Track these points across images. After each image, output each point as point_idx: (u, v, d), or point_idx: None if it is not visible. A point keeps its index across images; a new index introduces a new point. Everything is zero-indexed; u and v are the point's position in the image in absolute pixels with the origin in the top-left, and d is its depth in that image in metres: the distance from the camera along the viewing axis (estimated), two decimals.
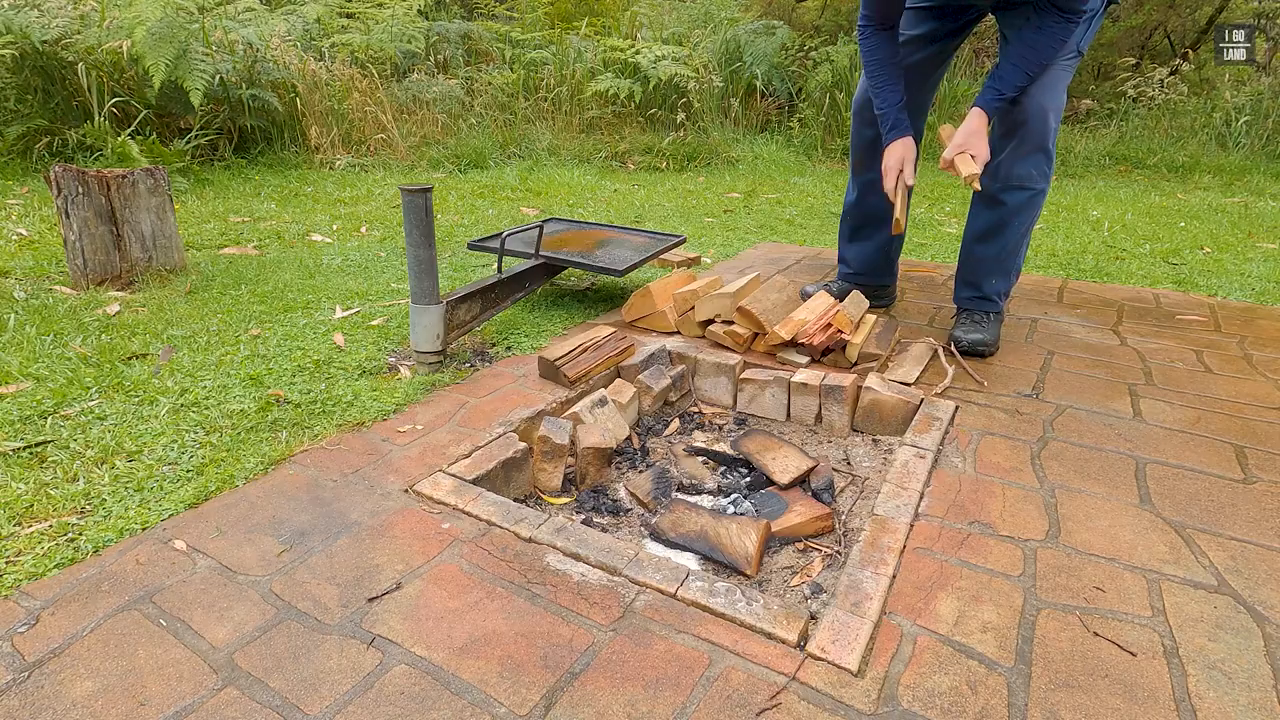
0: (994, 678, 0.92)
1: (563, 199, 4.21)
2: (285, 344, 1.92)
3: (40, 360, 1.77)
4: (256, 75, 4.73)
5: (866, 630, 0.98)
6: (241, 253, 2.88)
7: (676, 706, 0.87)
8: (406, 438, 1.48)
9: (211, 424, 1.51)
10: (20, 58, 4.13)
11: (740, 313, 1.89)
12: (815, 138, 5.87)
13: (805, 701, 0.88)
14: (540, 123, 5.80)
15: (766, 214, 4.02)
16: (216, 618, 1.00)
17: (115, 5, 4.40)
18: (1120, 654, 0.96)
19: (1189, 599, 1.07)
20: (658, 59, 5.69)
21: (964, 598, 1.06)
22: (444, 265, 2.74)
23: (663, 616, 1.01)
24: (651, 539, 1.31)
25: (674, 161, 5.44)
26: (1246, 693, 0.91)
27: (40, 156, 4.12)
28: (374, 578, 1.08)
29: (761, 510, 1.39)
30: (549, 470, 1.46)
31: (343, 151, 4.89)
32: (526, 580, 1.08)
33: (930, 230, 3.71)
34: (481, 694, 0.88)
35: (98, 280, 2.35)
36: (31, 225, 3.10)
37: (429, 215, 1.68)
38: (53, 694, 0.88)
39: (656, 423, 1.78)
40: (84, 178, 2.26)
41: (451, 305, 1.82)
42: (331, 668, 0.92)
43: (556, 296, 2.44)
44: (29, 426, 1.48)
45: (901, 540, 1.18)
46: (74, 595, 1.03)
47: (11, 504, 1.23)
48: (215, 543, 1.16)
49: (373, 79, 5.26)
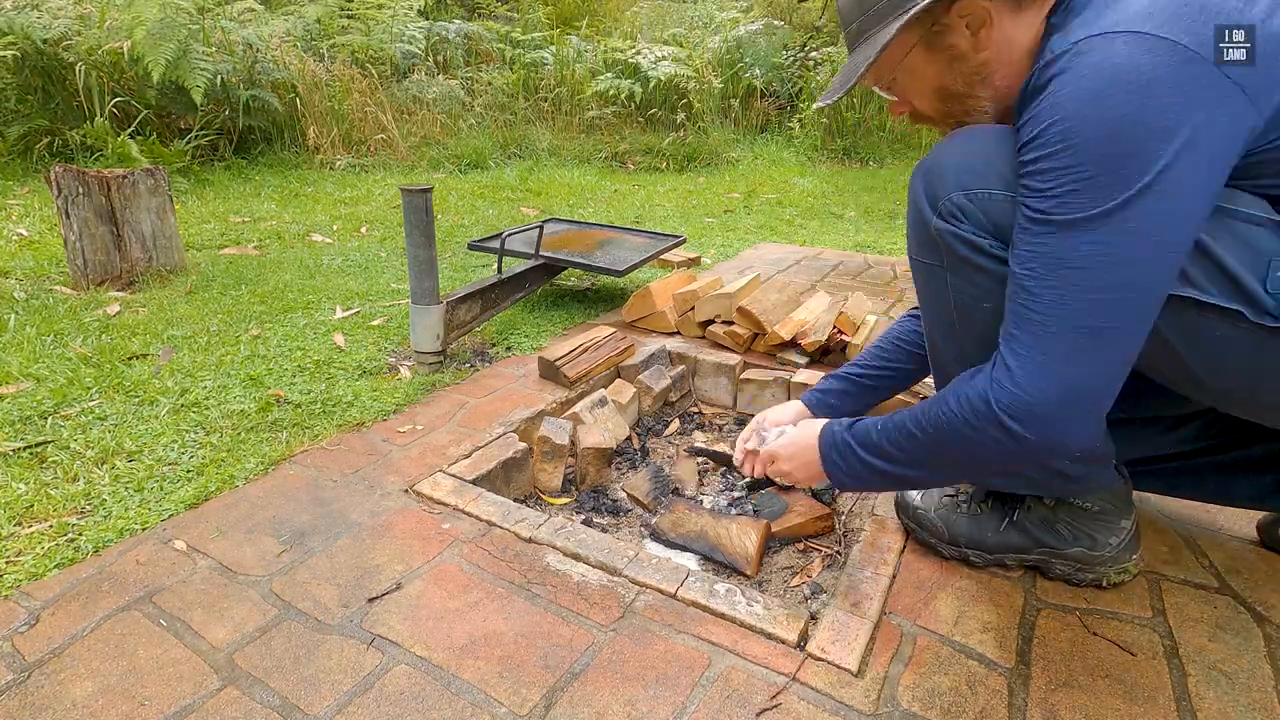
0: (994, 678, 0.92)
1: (563, 199, 4.21)
2: (285, 344, 1.92)
3: (40, 360, 1.77)
4: (256, 76, 4.73)
5: (866, 630, 0.98)
6: (242, 253, 2.88)
7: (676, 706, 0.87)
8: (407, 438, 1.48)
9: (212, 424, 1.51)
10: (21, 58, 4.13)
11: (740, 313, 1.90)
12: (815, 138, 5.87)
13: (805, 701, 0.88)
14: (540, 123, 5.80)
15: (766, 214, 4.02)
16: (216, 618, 1.00)
17: (115, 6, 4.40)
18: (1120, 654, 0.96)
19: (1189, 599, 1.07)
20: (658, 59, 5.70)
21: (964, 598, 1.06)
22: (444, 265, 2.74)
23: (663, 616, 1.01)
24: (651, 539, 1.31)
25: (674, 162, 5.44)
26: (1246, 693, 0.91)
27: (40, 157, 4.12)
28: (374, 578, 1.08)
29: (761, 510, 1.39)
30: (549, 470, 1.46)
31: (343, 152, 4.89)
32: (526, 580, 1.08)
33: None
34: (481, 694, 0.88)
35: (98, 280, 2.35)
36: (32, 225, 3.10)
37: (429, 215, 1.68)
38: (53, 694, 0.88)
39: (656, 423, 1.78)
40: (84, 178, 2.26)
41: (452, 305, 1.82)
42: (332, 668, 0.92)
43: (556, 297, 2.44)
44: (29, 426, 1.48)
45: (901, 540, 1.18)
46: (74, 595, 1.03)
47: (12, 504, 1.23)
48: (215, 543, 1.15)
49: (373, 79, 5.26)
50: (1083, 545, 1.06)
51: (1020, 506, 1.11)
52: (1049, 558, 1.09)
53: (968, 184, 0.90)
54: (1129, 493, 1.07)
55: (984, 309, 0.94)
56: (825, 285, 2.60)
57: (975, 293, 0.93)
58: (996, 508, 1.13)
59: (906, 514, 1.19)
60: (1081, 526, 1.06)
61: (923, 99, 0.99)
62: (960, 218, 0.91)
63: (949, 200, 0.91)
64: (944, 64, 0.93)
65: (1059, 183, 0.78)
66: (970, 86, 0.94)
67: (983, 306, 0.94)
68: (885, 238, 3.52)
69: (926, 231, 0.95)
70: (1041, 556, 1.09)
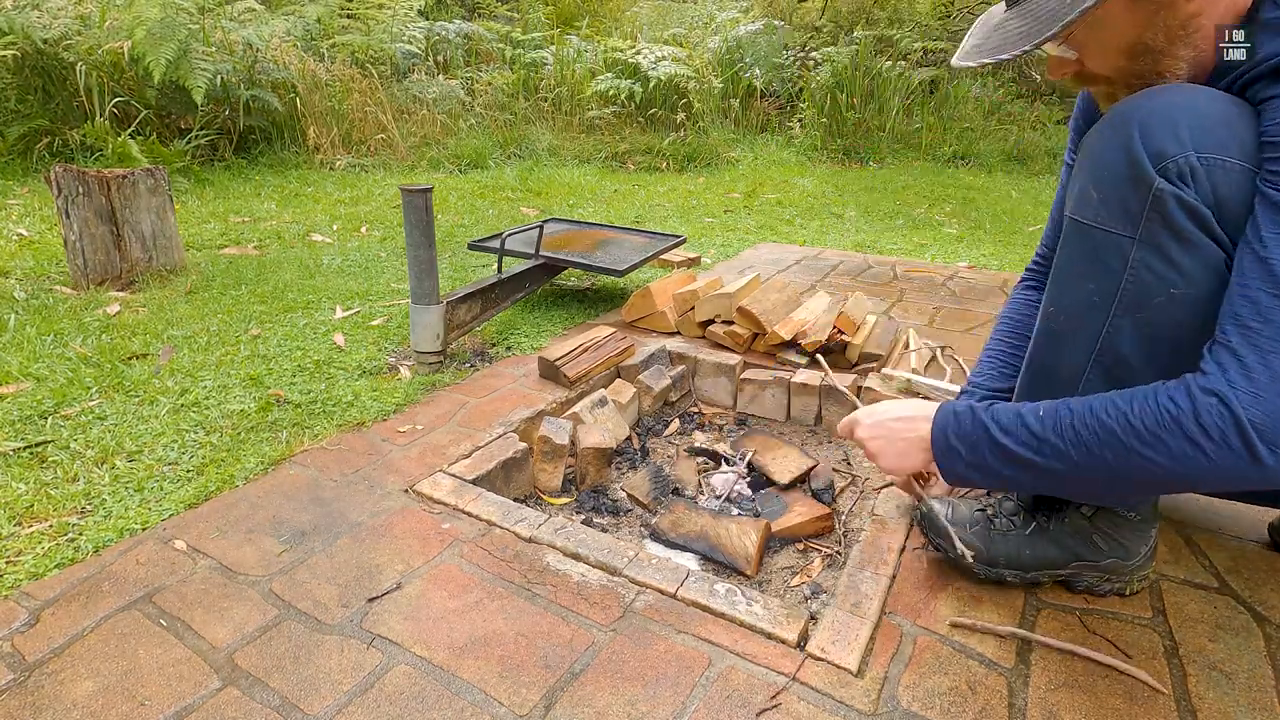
0: (994, 678, 0.92)
1: (563, 199, 4.21)
2: (285, 344, 1.92)
3: (40, 360, 1.77)
4: (256, 76, 4.73)
5: (866, 630, 0.98)
6: (242, 253, 2.88)
7: (676, 706, 0.87)
8: (406, 438, 1.48)
9: (212, 424, 1.51)
10: (21, 58, 4.12)
11: (740, 313, 1.90)
12: (815, 138, 5.87)
13: (805, 702, 0.88)
14: (540, 123, 5.80)
15: (766, 214, 4.02)
16: (217, 618, 1.00)
17: (115, 6, 4.40)
18: (1120, 654, 0.96)
19: (1189, 599, 1.07)
20: (658, 59, 5.69)
21: (964, 598, 1.06)
22: (444, 265, 2.74)
23: (663, 616, 1.01)
24: (651, 539, 1.31)
25: (674, 162, 5.44)
26: (1246, 693, 0.91)
27: (41, 157, 4.12)
28: (374, 578, 1.08)
29: (761, 510, 1.39)
30: (549, 470, 1.46)
31: (343, 152, 4.89)
32: (526, 580, 1.08)
33: (930, 230, 3.71)
34: (481, 694, 0.88)
35: (98, 280, 2.35)
36: (32, 225, 3.10)
37: (429, 215, 1.68)
38: (53, 694, 0.88)
39: (656, 423, 1.78)
40: (84, 178, 2.26)
41: (452, 305, 1.82)
42: (332, 668, 0.92)
43: (556, 296, 2.44)
44: (29, 426, 1.48)
45: (901, 540, 1.18)
46: (74, 595, 1.03)
47: (12, 504, 1.23)
48: (215, 543, 1.15)
49: (373, 79, 5.26)
50: (1117, 556, 1.01)
51: (1055, 516, 1.04)
52: (1081, 570, 1.03)
53: (1204, 145, 0.76)
54: (1157, 498, 1.04)
55: (1169, 297, 0.80)
56: (825, 285, 2.60)
57: (1168, 277, 0.79)
58: (1027, 520, 1.05)
59: (938, 534, 1.09)
60: (1117, 536, 1.00)
61: (1108, 56, 0.85)
62: (1189, 182, 0.76)
63: (1183, 158, 0.76)
64: (1149, 14, 0.81)
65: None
66: (1171, 43, 0.82)
67: (1169, 294, 0.80)
68: (885, 238, 3.52)
69: (1129, 191, 0.80)
70: (1074, 570, 1.04)
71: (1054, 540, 1.04)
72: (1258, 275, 0.72)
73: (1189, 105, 0.78)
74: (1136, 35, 0.83)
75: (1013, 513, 1.08)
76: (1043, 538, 1.04)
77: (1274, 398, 0.70)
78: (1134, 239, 0.81)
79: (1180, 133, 0.77)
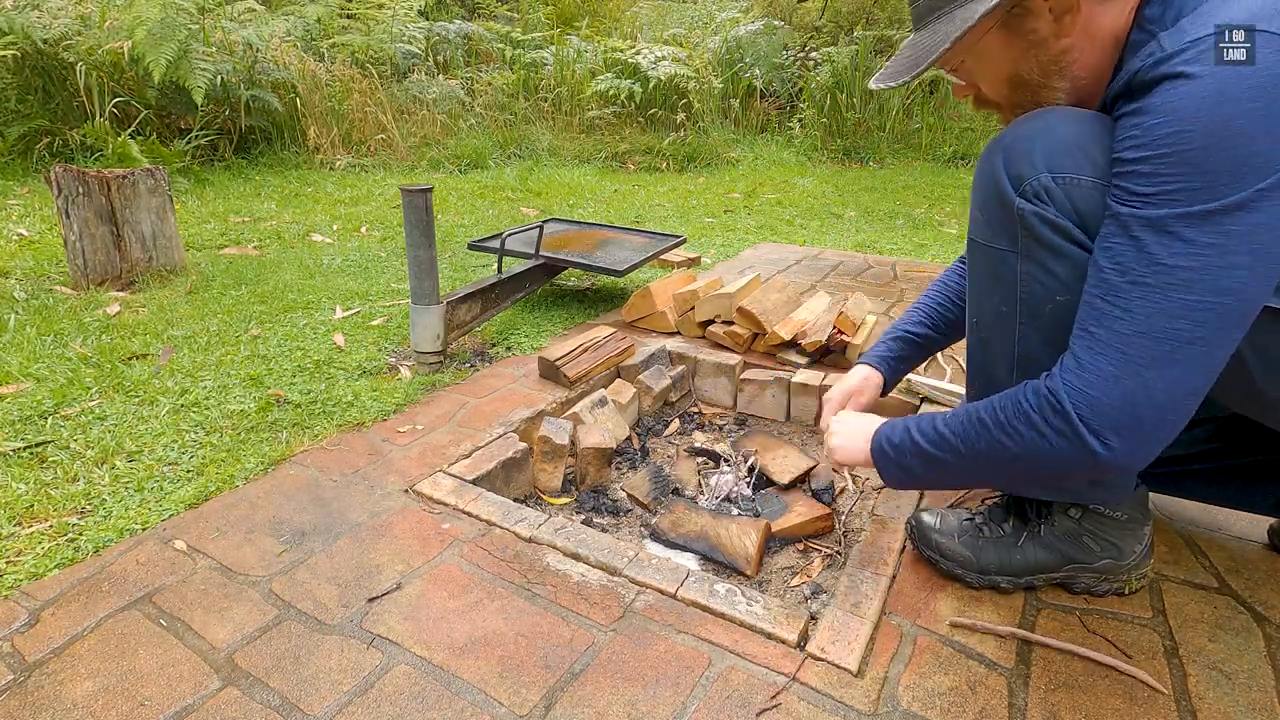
0: (994, 678, 0.92)
1: (563, 199, 4.21)
2: (285, 344, 1.92)
3: (40, 360, 1.77)
4: (256, 76, 4.73)
5: (866, 630, 0.98)
6: (242, 253, 2.88)
7: (676, 706, 0.87)
8: (407, 438, 1.48)
9: (212, 424, 1.51)
10: (21, 58, 4.13)
11: (740, 313, 1.90)
12: (815, 138, 5.87)
13: (805, 702, 0.88)
14: (540, 123, 5.80)
15: (766, 214, 4.02)
16: (217, 618, 1.00)
17: (115, 6, 4.40)
18: (1120, 655, 0.96)
19: (1189, 599, 1.07)
20: (658, 59, 5.69)
21: (964, 598, 1.06)
22: (444, 265, 2.74)
23: (663, 616, 1.01)
24: (651, 539, 1.31)
25: (674, 162, 5.44)
26: (1246, 693, 0.91)
27: (41, 157, 4.12)
28: (374, 578, 1.08)
29: (761, 510, 1.39)
30: (549, 470, 1.46)
31: (343, 152, 4.89)
32: (526, 580, 1.08)
33: (930, 230, 3.71)
34: (481, 694, 0.88)
35: (98, 280, 2.35)
36: (32, 225, 3.10)
37: (429, 215, 1.68)
38: (53, 694, 0.88)
39: (656, 423, 1.78)
40: (84, 178, 2.26)
41: (452, 305, 1.82)
42: (332, 668, 0.92)
43: (556, 296, 2.44)
44: (29, 426, 1.48)
45: (901, 540, 1.18)
46: (74, 595, 1.03)
47: (12, 504, 1.23)
48: (215, 543, 1.15)
49: (373, 79, 5.26)
50: (1110, 556, 1.02)
51: (1044, 521, 1.05)
52: (1076, 573, 1.05)
53: (1057, 166, 0.83)
54: (1147, 497, 1.05)
55: (1055, 303, 0.86)
56: (825, 285, 2.60)
57: (1050, 284, 0.86)
58: (1018, 526, 1.07)
59: (928, 546, 1.11)
60: (1108, 537, 1.02)
61: (992, 85, 0.92)
62: (1046, 200, 0.83)
63: (1036, 180, 0.84)
64: (1021, 50, 0.87)
65: (1163, 183, 0.73)
66: (1046, 76, 0.88)
67: (1055, 300, 0.86)
68: (885, 238, 3.52)
69: (1002, 212, 0.87)
70: (1069, 573, 1.05)
71: (1044, 544, 1.05)
72: (1094, 282, 0.79)
73: (1046, 130, 0.85)
74: (1013, 68, 0.89)
75: (1001, 519, 1.09)
76: (1033, 542, 1.05)
77: (1096, 391, 0.77)
78: (1016, 253, 0.89)
79: (1035, 158, 0.84)
